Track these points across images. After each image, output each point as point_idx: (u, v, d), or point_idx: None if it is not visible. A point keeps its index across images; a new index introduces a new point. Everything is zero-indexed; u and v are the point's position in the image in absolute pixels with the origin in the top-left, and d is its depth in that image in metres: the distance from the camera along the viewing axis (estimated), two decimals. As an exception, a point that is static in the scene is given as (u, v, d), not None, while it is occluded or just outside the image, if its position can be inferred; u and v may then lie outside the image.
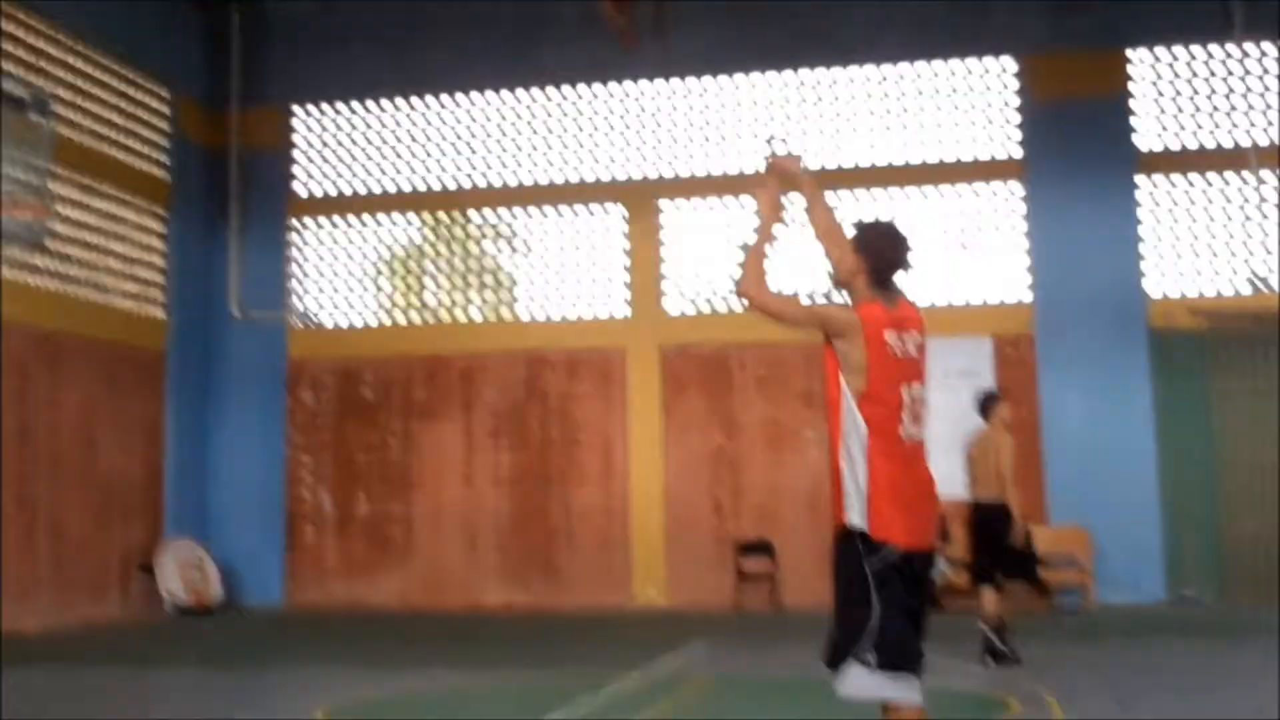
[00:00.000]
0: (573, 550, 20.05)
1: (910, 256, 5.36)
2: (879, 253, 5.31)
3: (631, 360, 20.25)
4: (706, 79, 20.65)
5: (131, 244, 19.90)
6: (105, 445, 18.79)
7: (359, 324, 21.42)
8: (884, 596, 5.02)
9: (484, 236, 21.26)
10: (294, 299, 21.49)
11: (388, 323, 21.33)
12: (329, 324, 21.46)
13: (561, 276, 20.89)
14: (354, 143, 21.72)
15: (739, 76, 20.58)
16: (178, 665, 13.25)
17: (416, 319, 21.24)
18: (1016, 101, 19.75)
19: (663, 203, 20.62)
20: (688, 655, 12.74)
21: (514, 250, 21.17)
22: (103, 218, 19.22)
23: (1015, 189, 19.66)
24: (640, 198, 20.64)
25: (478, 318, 21.08)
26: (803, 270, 18.43)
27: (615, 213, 20.80)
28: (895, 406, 5.15)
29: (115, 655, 13.83)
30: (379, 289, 21.50)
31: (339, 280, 21.56)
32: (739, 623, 16.99)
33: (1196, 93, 19.40)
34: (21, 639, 15.48)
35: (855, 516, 5.11)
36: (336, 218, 21.59)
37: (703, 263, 20.45)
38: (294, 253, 21.62)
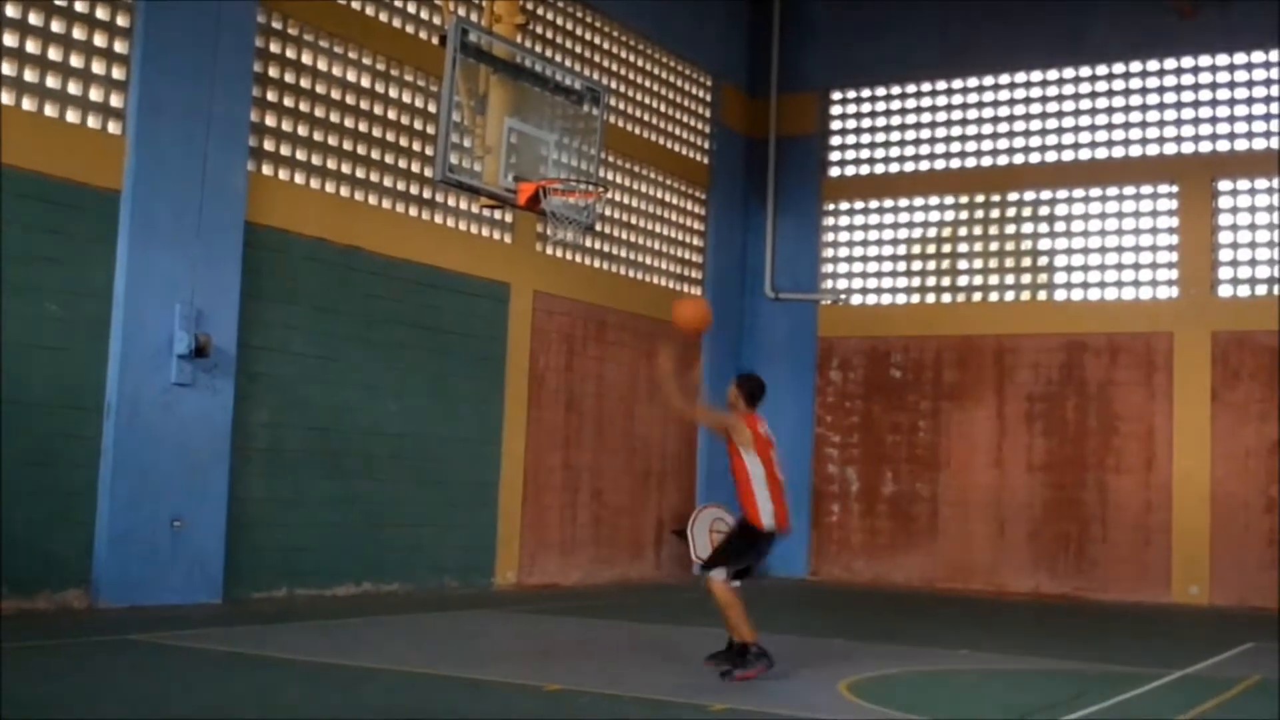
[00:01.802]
0: (1107, 541, 19.23)
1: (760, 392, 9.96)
2: (749, 390, 10.03)
3: (1179, 346, 19.14)
4: (1274, 51, 19.18)
5: (673, 225, 20.78)
6: (644, 415, 19.73)
7: (888, 303, 21.39)
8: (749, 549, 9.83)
9: (1022, 216, 20.68)
10: (825, 279, 21.75)
11: (918, 302, 21.18)
12: (859, 304, 21.56)
13: (1104, 257, 20.03)
14: (889, 125, 21.70)
15: (1307, 45, 19.01)
16: (704, 623, 13.68)
17: (948, 299, 20.98)
18: None
19: (1221, 182, 19.33)
20: (1232, 657, 11.90)
21: (1053, 230, 20.48)
22: (647, 200, 20.18)
23: None
24: (1195, 175, 19.45)
25: (1012, 298, 20.55)
26: None
27: (1166, 191, 19.70)
28: (770, 460, 9.72)
29: (645, 611, 14.47)
30: (910, 269, 21.38)
31: (870, 260, 21.61)
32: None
33: None
34: (559, 592, 16.51)
35: (764, 519, 9.62)
36: (870, 199, 21.65)
37: (1262, 245, 19.03)
38: (826, 234, 21.87)
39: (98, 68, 12.49)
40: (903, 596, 18.62)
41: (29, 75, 11.95)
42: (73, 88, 12.28)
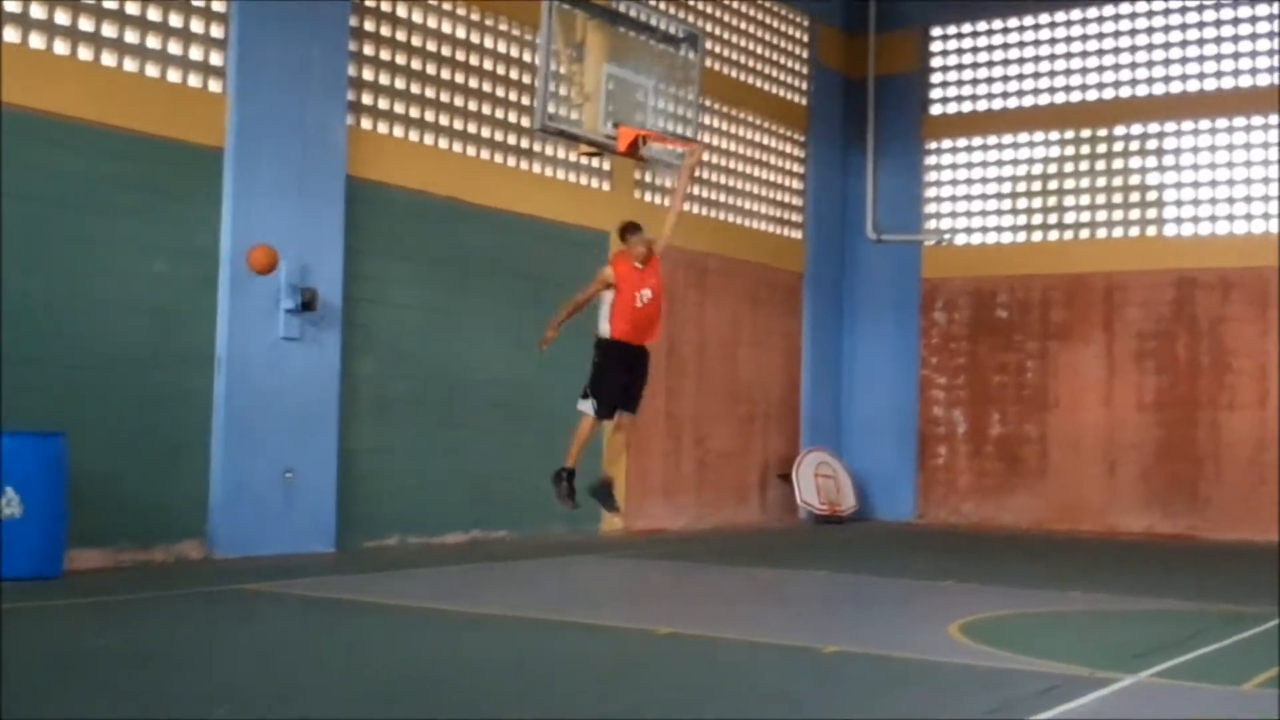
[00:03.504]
0: (1220, 480, 18.88)
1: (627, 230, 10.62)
2: (621, 231, 10.84)
3: (1293, 280, 18.67)
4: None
5: (772, 169, 20.62)
6: (747, 361, 19.68)
7: (993, 242, 21.08)
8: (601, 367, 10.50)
9: (1130, 151, 20.23)
10: (928, 219, 21.48)
11: (1024, 241, 20.85)
12: (962, 243, 21.28)
13: (1214, 191, 19.54)
14: (992, 61, 21.31)
15: None
16: (812, 567, 13.68)
17: (1054, 237, 20.62)
18: None
19: (1333, 111, 18.77)
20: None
21: (1162, 165, 20.00)
22: (746, 145, 20.03)
23: None
24: (1307, 105, 18.89)
25: (1120, 235, 20.14)
26: None
27: (1278, 123, 19.15)
28: (628, 287, 10.35)
29: (752, 555, 14.48)
30: (1015, 207, 21.03)
31: (973, 199, 21.30)
32: None
33: None
34: (665, 537, 16.57)
35: (602, 327, 10.41)
36: (973, 137, 21.30)
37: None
38: (928, 173, 21.58)
39: (197, 26, 12.61)
40: (1012, 538, 18.45)
41: (130, 36, 12.09)
42: (173, 47, 12.41)
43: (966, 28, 21.49)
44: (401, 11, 14.66)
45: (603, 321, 10.50)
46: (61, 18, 11.53)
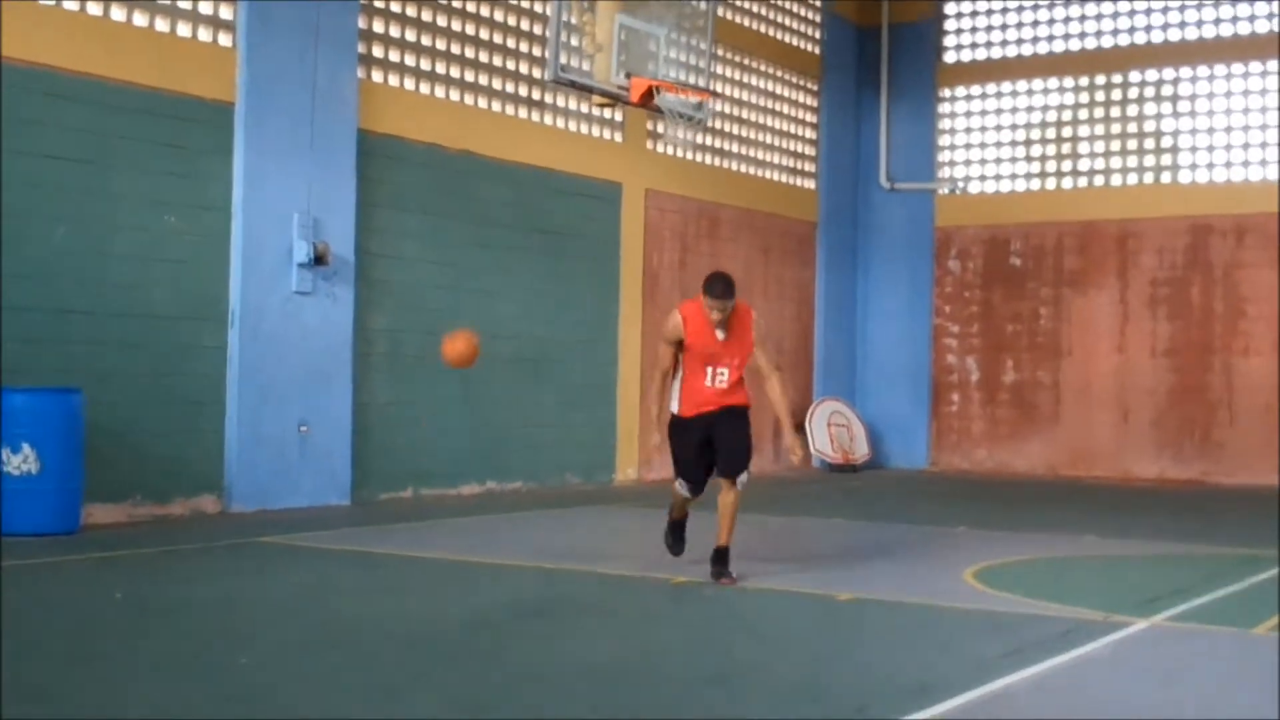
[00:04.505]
0: (1234, 424, 18.88)
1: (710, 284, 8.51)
2: (704, 284, 8.58)
3: (1307, 225, 18.59)
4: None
5: (785, 118, 20.53)
6: (760, 311, 19.55)
7: (1007, 190, 20.99)
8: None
9: (1144, 97, 20.09)
10: (942, 168, 21.39)
11: (1037, 189, 20.75)
12: (976, 191, 21.20)
13: (1229, 137, 19.41)
14: (1005, 7, 21.14)
15: None
16: (826, 515, 13.73)
17: (1068, 184, 20.53)
18: None
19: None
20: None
21: (1176, 110, 19.87)
22: (758, 94, 19.94)
23: None
24: (1323, 49, 18.74)
25: (1134, 182, 20.05)
26: None
27: (1295, 66, 19.01)
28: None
29: (765, 504, 14.50)
30: (1029, 154, 20.92)
31: (987, 147, 21.19)
32: None
33: None
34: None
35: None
36: (987, 84, 21.18)
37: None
38: (942, 121, 21.47)
39: (207, -20, 12.58)
40: (1025, 484, 18.48)
41: (141, -10, 12.07)
42: (183, 2, 12.38)
43: (978, -26, 21.34)
44: (410, -37, 14.59)
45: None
46: (70, -28, 11.50)
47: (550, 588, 8.63)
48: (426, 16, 14.73)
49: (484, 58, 15.41)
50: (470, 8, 15.24)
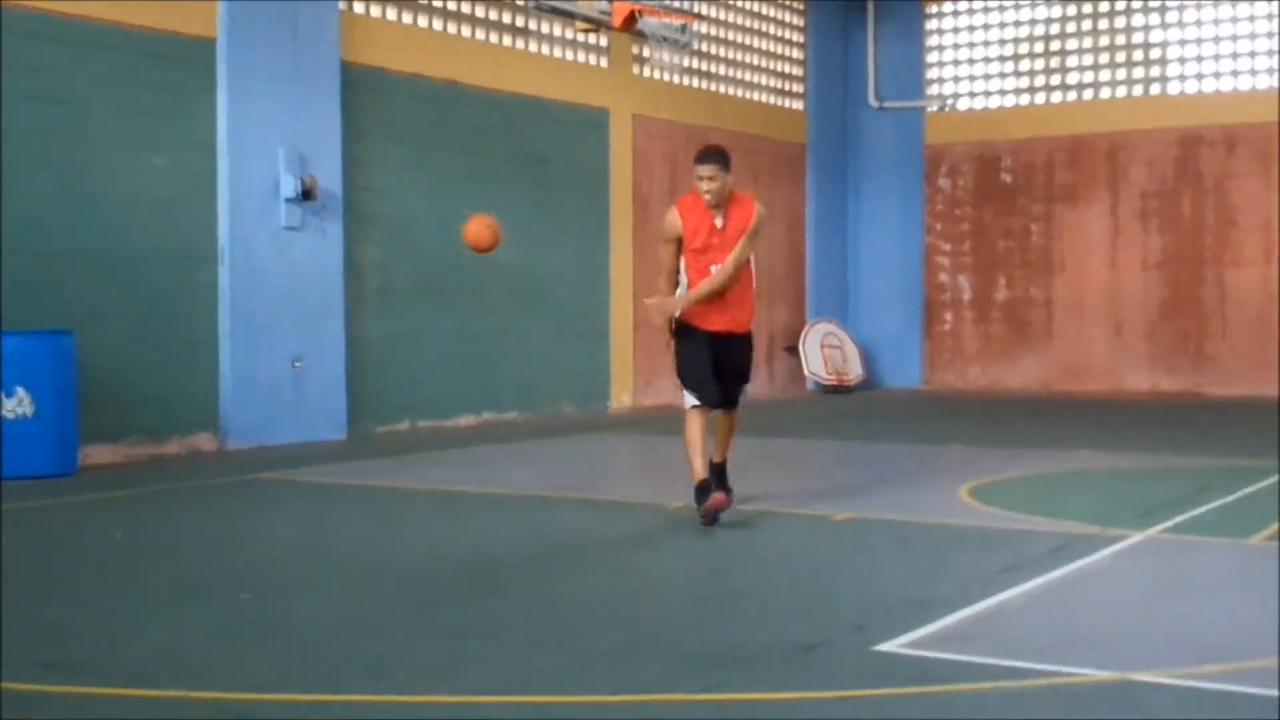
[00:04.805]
0: (1226, 336, 18.93)
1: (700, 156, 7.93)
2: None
3: (1299, 134, 18.54)
4: None
5: (771, 39, 20.37)
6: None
7: (996, 106, 20.88)
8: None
9: (1132, 8, 19.93)
10: (930, 85, 21.26)
11: (1027, 103, 20.65)
12: (965, 109, 21.08)
13: (1218, 47, 19.29)
14: (992, -82, 20.94)
15: None
16: (821, 436, 13.78)
17: (1058, 99, 20.42)
18: None
19: (1340, -44, 18.47)
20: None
21: (1164, 20, 19.72)
22: (744, 15, 19.76)
23: None
24: (1312, -50, 18.58)
25: (1124, 94, 19.95)
26: None
27: (1281, -28, 18.86)
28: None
29: (761, 427, 14.56)
30: (1017, 70, 20.79)
31: (975, 63, 21.05)
32: None
33: None
34: (674, 412, 16.63)
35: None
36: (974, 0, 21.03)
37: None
38: (929, 38, 21.31)
39: (183, -87, 12.41)
40: (1019, 401, 18.54)
41: (117, -74, 11.90)
42: (161, -64, 12.22)
43: (964, -114, 21.10)
44: (389, -110, 14.40)
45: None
46: (44, -91, 11.34)
47: (548, 516, 8.67)
48: (406, -55, 14.56)
49: (466, -15, 15.26)
50: (450, -65, 15.07)
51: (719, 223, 7.80)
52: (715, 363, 7.94)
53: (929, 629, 5.33)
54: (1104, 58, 20.07)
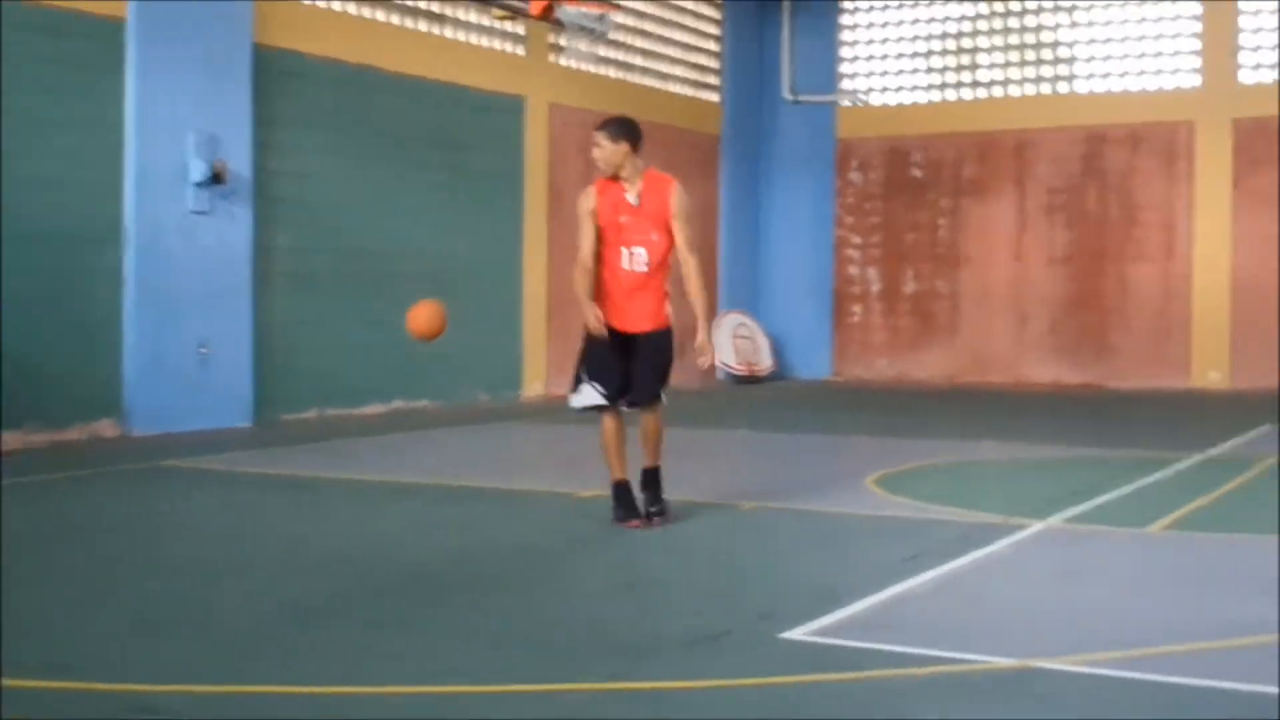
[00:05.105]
0: (1128, 330, 19.32)
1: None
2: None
3: (1201, 134, 18.93)
4: None
5: (688, 31, 20.42)
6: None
7: (908, 102, 21.11)
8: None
9: (1042, 8, 20.23)
10: (844, 80, 21.44)
11: (938, 100, 20.89)
12: (878, 104, 21.28)
13: (1125, 47, 19.65)
14: (904, -83, 21.14)
15: None
16: (731, 426, 13.87)
17: (968, 95, 20.69)
18: None
19: (1243, -41, 18.89)
20: (1252, 439, 12.05)
21: (1073, 20, 20.05)
22: (661, 5, 19.79)
23: None
24: (1216, -46, 18.99)
25: (1031, 92, 20.26)
26: None
27: (1187, -27, 19.25)
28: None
29: (671, 417, 14.59)
30: (930, 66, 21.02)
31: (888, 59, 21.26)
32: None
33: None
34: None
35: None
36: (887, -7, 21.23)
37: (1285, 26, 18.66)
38: (844, 33, 21.48)
39: (92, -110, 12.20)
40: (925, 393, 18.78)
41: (23, -99, 11.68)
42: (68, -88, 12.01)
43: (880, -117, 21.28)
44: (302, -128, 14.25)
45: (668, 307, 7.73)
46: (-53, -118, 11.10)
47: (458, 506, 8.66)
48: (320, -73, 14.42)
49: (381, -30, 15.15)
50: (365, -82, 14.95)
51: (632, 199, 7.39)
52: (628, 363, 7.56)
53: (835, 617, 5.41)
54: (1013, 56, 20.36)
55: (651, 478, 7.75)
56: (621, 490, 7.65)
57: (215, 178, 12.78)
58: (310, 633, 5.26)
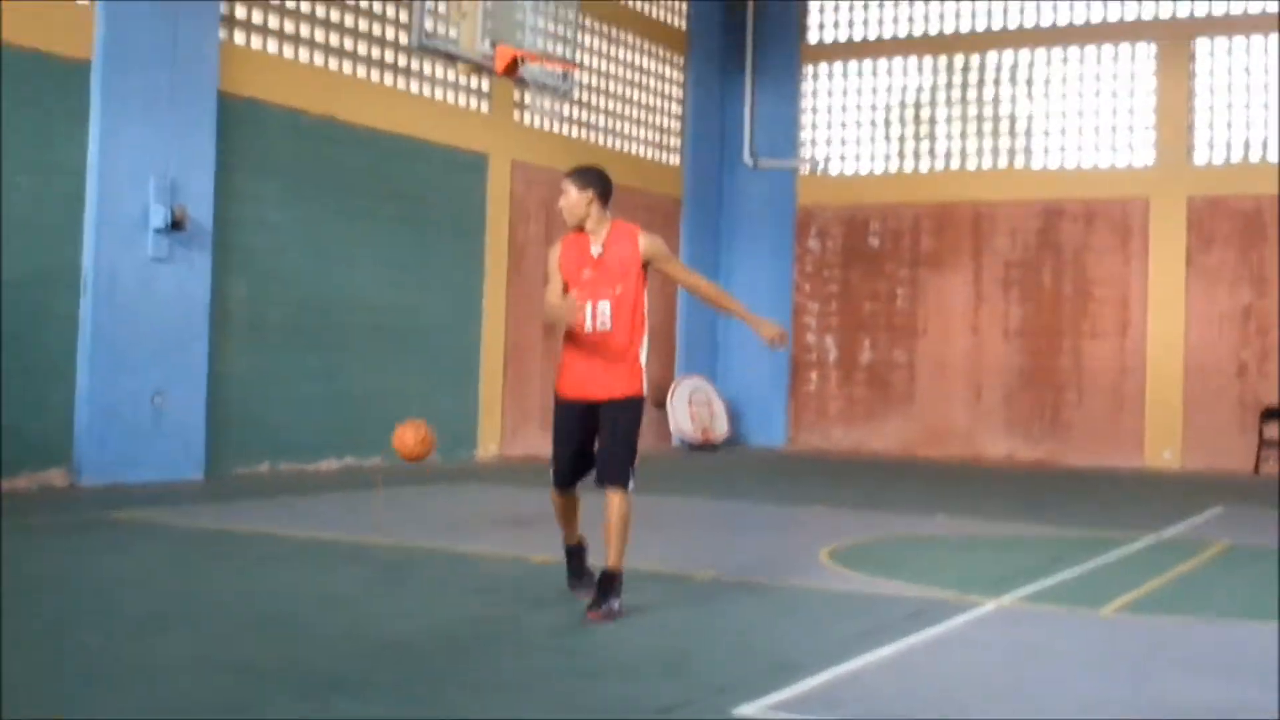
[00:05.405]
0: (1082, 406, 19.46)
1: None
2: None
3: (1155, 211, 19.19)
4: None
5: (651, 93, 20.57)
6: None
7: (866, 171, 21.30)
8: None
9: (1001, 80, 20.52)
10: (804, 146, 21.62)
11: (896, 170, 21.09)
12: (836, 172, 21.46)
13: (1081, 122, 19.95)
14: (868, -12, 21.43)
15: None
16: (685, 494, 13.83)
17: (925, 166, 20.90)
18: None
19: (1199, 42, 19.21)
20: (1206, 520, 12.13)
21: (1031, 94, 20.33)
22: (624, 67, 19.94)
23: None
24: (1174, 37, 19.32)
25: (989, 165, 20.49)
26: None
27: (1145, 53, 19.56)
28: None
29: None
30: (889, 135, 21.24)
31: (848, 127, 21.47)
32: (1259, 490, 15.93)
33: None
34: (540, 464, 16.59)
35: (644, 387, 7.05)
36: (849, 62, 21.45)
37: (1240, 108, 18.99)
38: (805, 100, 21.69)
39: (62, -65, 12.18)
40: (880, 464, 18.82)
41: (-9, -57, 11.64)
42: (37, -44, 11.98)
43: (843, -45, 21.57)
44: (274, -76, 14.30)
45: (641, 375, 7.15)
46: (-85, -78, 11.06)
47: (408, 569, 8.57)
48: (290, -20, 14.45)
49: (349, 22, 15.19)
50: (335, -28, 15.00)
51: (595, 250, 7.05)
52: (591, 438, 7.01)
53: (791, 691, 5.37)
54: (971, 128, 20.61)
55: (608, 585, 6.94)
56: (572, 554, 7.41)
57: (175, 224, 12.72)
58: (247, 689, 5.16)
